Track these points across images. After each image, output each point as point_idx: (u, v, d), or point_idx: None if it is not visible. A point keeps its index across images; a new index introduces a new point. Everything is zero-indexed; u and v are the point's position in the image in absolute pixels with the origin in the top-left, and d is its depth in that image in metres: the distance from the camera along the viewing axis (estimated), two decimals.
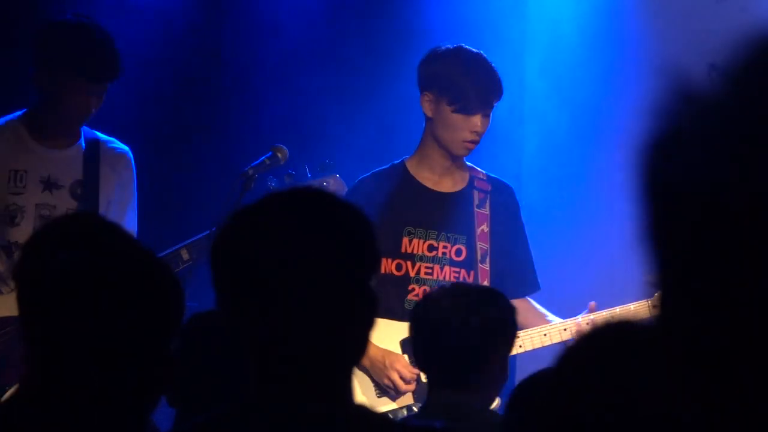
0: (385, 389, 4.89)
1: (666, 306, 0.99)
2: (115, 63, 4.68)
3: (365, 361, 4.84)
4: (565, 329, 4.90)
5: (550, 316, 5.02)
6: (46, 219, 4.66)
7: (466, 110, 4.89)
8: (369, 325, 2.23)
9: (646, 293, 4.94)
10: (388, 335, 4.89)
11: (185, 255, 4.76)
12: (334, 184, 4.87)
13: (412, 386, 4.88)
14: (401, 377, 4.85)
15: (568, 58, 6.55)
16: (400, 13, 6.43)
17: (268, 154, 4.80)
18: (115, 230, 2.36)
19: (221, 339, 3.11)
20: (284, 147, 4.83)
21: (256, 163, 4.78)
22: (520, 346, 4.85)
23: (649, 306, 4.92)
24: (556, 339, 4.88)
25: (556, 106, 6.54)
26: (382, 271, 4.88)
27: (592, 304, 4.92)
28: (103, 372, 2.27)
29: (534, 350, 4.88)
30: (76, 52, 4.62)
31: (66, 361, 2.27)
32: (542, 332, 4.91)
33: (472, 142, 4.93)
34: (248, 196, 4.64)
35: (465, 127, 4.90)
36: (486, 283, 4.97)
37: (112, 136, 4.97)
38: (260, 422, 2.18)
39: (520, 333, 4.84)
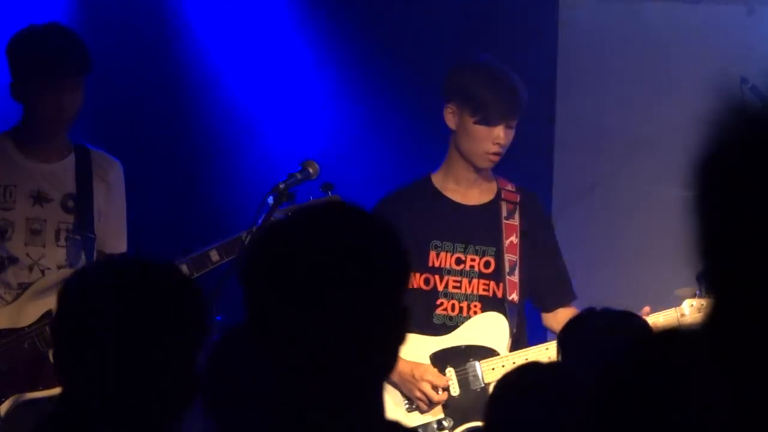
0: (415, 403, 4.91)
1: (717, 317, 1.01)
2: (77, 55, 4.76)
3: (394, 376, 4.85)
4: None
5: None
6: (37, 233, 4.74)
7: (487, 121, 4.90)
8: (400, 341, 2.20)
9: (672, 302, 4.97)
10: (419, 349, 4.91)
11: (214, 257, 4.78)
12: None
13: (444, 396, 4.90)
14: (433, 387, 4.87)
15: (601, 68, 6.58)
16: (427, 34, 6.46)
17: (298, 169, 4.82)
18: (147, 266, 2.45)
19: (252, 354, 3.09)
20: (315, 162, 4.85)
21: (286, 178, 4.79)
22: (550, 357, 4.85)
23: (677, 313, 4.95)
24: None
25: (587, 115, 6.57)
26: (413, 286, 4.87)
27: (646, 308, 4.88)
28: (130, 388, 2.35)
29: None
30: (37, 53, 4.72)
31: (95, 378, 2.36)
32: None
33: (495, 153, 4.94)
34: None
35: (488, 138, 4.92)
36: (514, 295, 4.99)
37: (110, 148, 5.06)
38: None
39: (550, 344, 4.87)
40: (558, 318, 5.00)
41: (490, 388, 4.72)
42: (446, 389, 4.90)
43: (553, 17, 6.58)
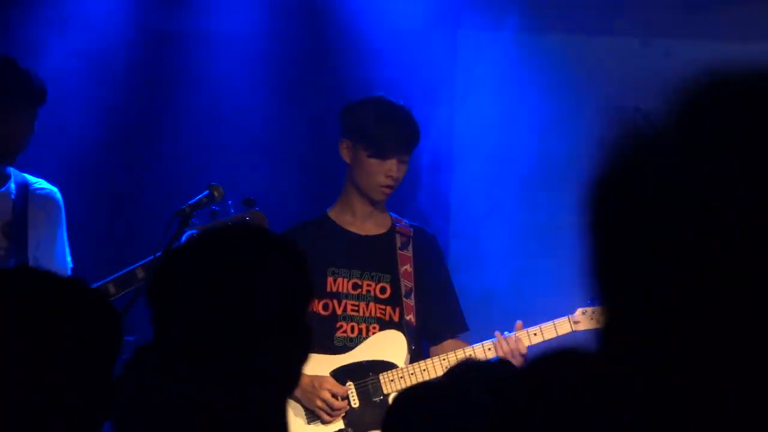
0: (317, 412, 4.99)
1: (609, 334, 1.06)
2: (24, 89, 4.83)
3: (296, 390, 4.89)
4: (489, 348, 5.03)
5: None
6: None
7: (380, 155, 5.03)
8: (303, 360, 2.24)
9: (567, 311, 5.14)
10: (320, 367, 5.03)
11: (111, 289, 4.81)
12: (257, 218, 4.93)
13: (345, 404, 5.00)
14: (333, 395, 4.97)
15: (495, 101, 6.66)
16: (332, 59, 6.55)
17: (205, 193, 4.88)
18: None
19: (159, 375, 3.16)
20: (220, 186, 4.90)
21: (193, 201, 4.85)
22: (447, 368, 4.95)
23: (570, 321, 5.09)
24: (481, 357, 5.01)
25: (484, 150, 6.66)
26: (310, 311, 4.94)
27: (519, 323, 5.08)
28: (46, 403, 2.30)
29: None
30: None
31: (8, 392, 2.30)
32: (467, 352, 5.04)
33: (387, 186, 5.07)
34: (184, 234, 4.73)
35: (380, 171, 5.05)
36: (411, 316, 5.10)
37: (45, 175, 5.10)
38: None
39: (448, 354, 5.02)
40: (444, 347, 5.14)
41: (390, 399, 4.96)
42: (346, 398, 5.00)
43: (452, 46, 6.68)
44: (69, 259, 5.07)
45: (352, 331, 5.11)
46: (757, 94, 1.02)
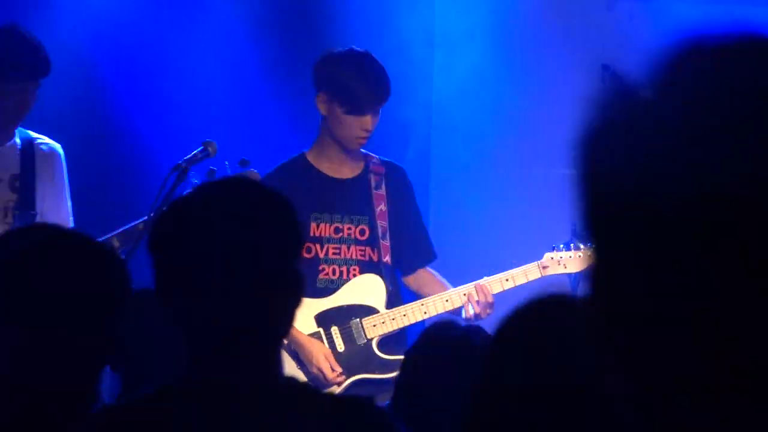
0: (313, 377, 5.20)
1: (595, 284, 1.07)
2: (29, 60, 4.95)
3: (293, 345, 5.18)
4: (464, 293, 5.30)
5: (449, 285, 5.41)
6: None
7: (356, 111, 5.20)
8: (295, 304, 2.34)
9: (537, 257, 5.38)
10: (304, 311, 5.16)
11: (116, 243, 4.93)
12: (253, 176, 5.04)
13: (335, 375, 5.22)
14: (330, 367, 5.22)
15: (473, 56, 6.82)
16: (314, 14, 6.73)
17: (199, 148, 4.99)
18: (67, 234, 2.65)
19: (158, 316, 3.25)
20: (214, 141, 5.03)
21: (188, 156, 4.95)
22: (425, 313, 5.27)
23: (539, 266, 5.38)
24: (458, 303, 5.29)
25: (462, 104, 6.84)
26: None
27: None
28: (54, 347, 2.47)
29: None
30: None
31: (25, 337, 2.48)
32: (444, 298, 5.31)
33: (363, 138, 5.25)
34: (181, 188, 4.86)
35: (356, 126, 5.22)
36: (387, 258, 5.33)
37: (45, 133, 5.24)
38: (191, 398, 2.28)
39: (425, 300, 5.29)
40: (417, 278, 5.41)
41: (373, 343, 5.23)
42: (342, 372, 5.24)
43: (430, 6, 6.86)
44: (71, 217, 5.22)
45: (333, 273, 5.31)
46: (735, 53, 1.03)
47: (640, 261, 1.01)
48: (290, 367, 5.15)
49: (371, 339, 5.28)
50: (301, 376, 5.17)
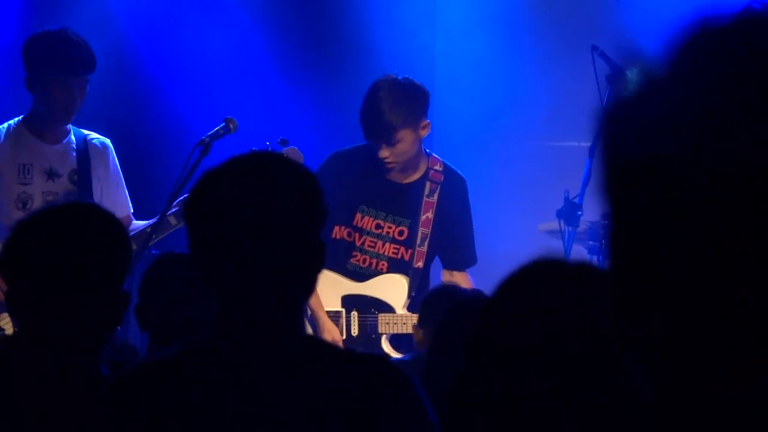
0: None
1: (613, 257, 1.07)
2: (86, 57, 5.35)
3: (313, 316, 5.39)
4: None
5: None
6: (51, 203, 5.25)
7: (370, 140, 5.31)
8: (317, 270, 2.41)
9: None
10: (333, 288, 5.45)
11: (173, 221, 5.29)
12: (293, 154, 5.27)
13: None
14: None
15: (476, 38, 7.06)
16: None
17: (221, 125, 5.18)
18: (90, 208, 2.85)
19: (188, 278, 3.36)
20: (234, 118, 5.24)
21: (211, 132, 5.13)
22: None
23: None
24: None
25: (464, 98, 7.10)
26: (337, 236, 5.40)
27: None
28: (66, 310, 2.67)
29: None
30: (53, 54, 5.29)
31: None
32: None
33: (389, 163, 5.32)
34: (206, 161, 5.05)
35: (379, 152, 5.31)
36: (420, 263, 5.46)
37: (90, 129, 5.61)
38: (219, 353, 2.36)
39: None
40: (451, 278, 5.50)
41: (382, 339, 5.46)
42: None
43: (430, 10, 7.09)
44: (129, 203, 5.63)
45: (364, 262, 5.47)
46: (743, 30, 1.04)
47: (659, 227, 1.02)
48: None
49: (381, 334, 5.46)
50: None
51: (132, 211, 5.57)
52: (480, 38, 7.08)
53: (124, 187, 5.61)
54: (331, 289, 5.44)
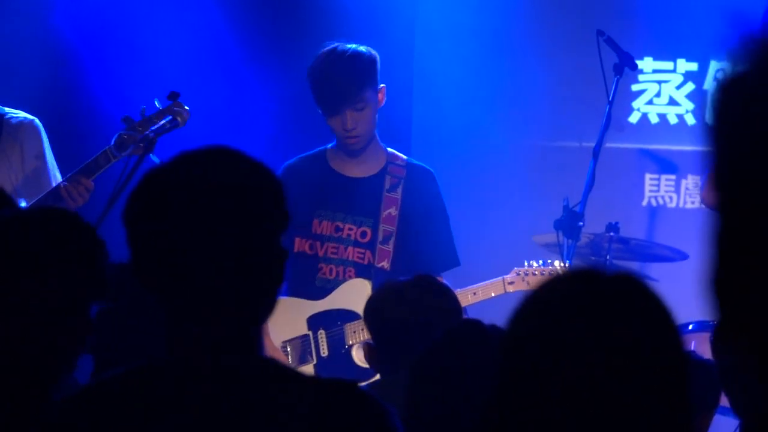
0: None
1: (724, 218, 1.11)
2: None
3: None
4: (474, 293, 5.20)
5: None
6: None
7: (329, 113, 5.13)
8: (278, 281, 2.27)
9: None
10: (298, 312, 5.21)
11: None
12: (181, 111, 4.98)
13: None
14: None
15: (460, 27, 6.80)
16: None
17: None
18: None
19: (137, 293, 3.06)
20: (185, 106, 4.97)
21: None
22: None
23: (504, 283, 5.27)
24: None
25: (445, 72, 6.81)
26: (298, 249, 5.21)
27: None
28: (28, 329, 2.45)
29: None
30: None
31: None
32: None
33: (350, 137, 5.16)
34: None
35: (338, 126, 5.14)
36: (384, 263, 5.22)
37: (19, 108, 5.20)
38: (168, 377, 2.23)
39: None
40: None
41: (353, 351, 5.22)
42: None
43: None
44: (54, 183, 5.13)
45: (330, 273, 5.25)
46: None
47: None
48: None
49: (351, 345, 5.23)
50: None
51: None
52: (466, 33, 6.83)
53: (51, 175, 5.14)
54: (296, 315, 5.23)
